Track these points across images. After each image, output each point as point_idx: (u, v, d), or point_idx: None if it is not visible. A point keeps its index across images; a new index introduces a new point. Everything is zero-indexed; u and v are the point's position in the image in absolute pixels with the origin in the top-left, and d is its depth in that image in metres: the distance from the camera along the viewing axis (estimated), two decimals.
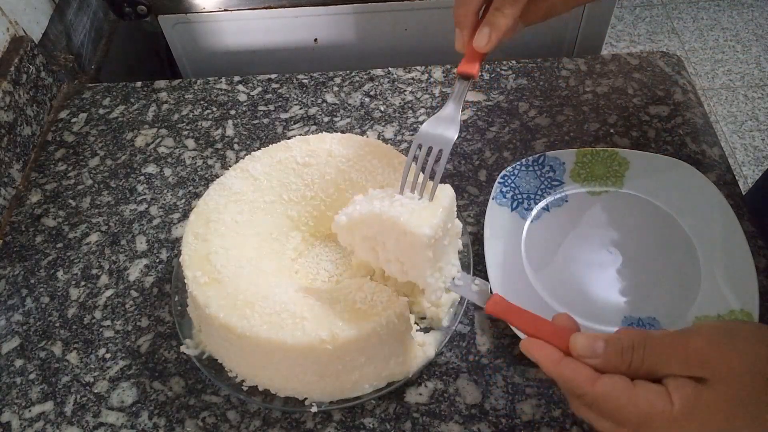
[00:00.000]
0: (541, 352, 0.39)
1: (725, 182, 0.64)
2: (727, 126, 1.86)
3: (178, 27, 0.87)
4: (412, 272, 0.46)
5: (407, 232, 0.43)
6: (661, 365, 0.36)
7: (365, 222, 0.46)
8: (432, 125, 0.48)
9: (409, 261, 0.46)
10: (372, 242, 0.47)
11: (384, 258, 0.47)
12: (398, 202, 0.46)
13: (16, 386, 0.55)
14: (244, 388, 0.50)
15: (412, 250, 0.44)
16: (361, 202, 0.47)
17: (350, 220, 0.47)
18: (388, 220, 0.44)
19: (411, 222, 0.43)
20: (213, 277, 0.49)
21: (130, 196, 0.67)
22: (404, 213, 0.44)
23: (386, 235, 0.46)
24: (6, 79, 0.68)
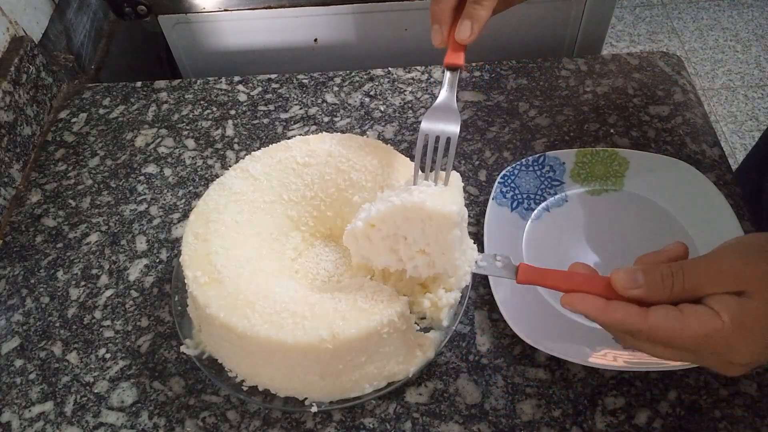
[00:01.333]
0: (585, 303, 0.40)
1: (725, 182, 0.64)
2: (727, 126, 1.86)
3: (178, 27, 0.87)
4: (440, 260, 0.46)
5: (435, 214, 0.44)
6: (702, 286, 0.38)
7: (385, 219, 0.46)
8: (433, 117, 0.50)
9: (437, 247, 0.46)
10: (392, 241, 0.47)
11: (407, 255, 0.47)
12: (416, 191, 0.46)
13: (16, 386, 0.55)
14: (244, 388, 0.50)
15: (440, 234, 0.45)
16: (374, 204, 0.47)
17: (368, 222, 0.47)
18: (413, 208, 0.45)
19: (436, 204, 0.44)
20: (213, 277, 0.49)
21: (130, 196, 0.67)
22: (427, 198, 0.45)
23: (411, 226, 0.46)
24: (6, 79, 0.68)
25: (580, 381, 0.52)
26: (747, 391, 0.51)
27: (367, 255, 0.49)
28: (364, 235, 0.48)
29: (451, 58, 0.51)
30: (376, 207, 0.47)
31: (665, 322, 0.38)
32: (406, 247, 0.47)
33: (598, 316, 0.40)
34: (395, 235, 0.47)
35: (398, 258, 0.48)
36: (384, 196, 0.48)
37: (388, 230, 0.47)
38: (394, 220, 0.46)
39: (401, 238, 0.47)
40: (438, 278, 0.53)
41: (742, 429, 0.49)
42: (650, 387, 0.51)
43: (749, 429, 0.49)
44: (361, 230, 0.47)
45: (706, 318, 0.37)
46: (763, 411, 0.50)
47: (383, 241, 0.47)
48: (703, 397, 0.51)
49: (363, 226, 0.47)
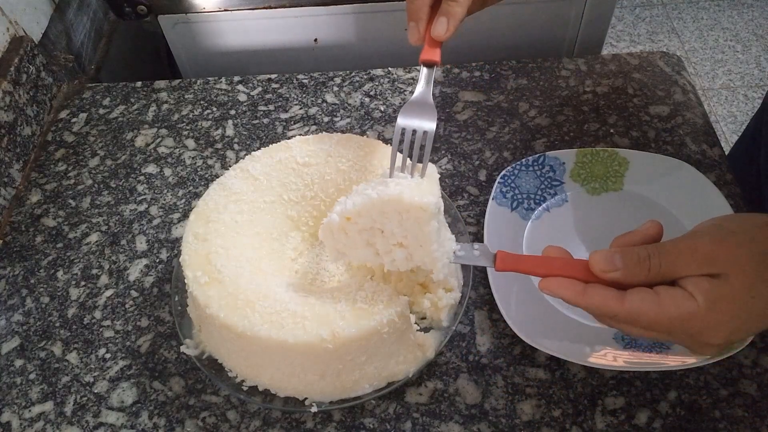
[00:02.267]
0: (563, 287, 0.41)
1: (725, 182, 0.64)
2: (727, 126, 1.86)
3: (178, 27, 0.87)
4: (418, 253, 0.46)
5: (412, 206, 0.44)
6: (677, 268, 0.39)
7: (362, 213, 0.46)
8: (409, 111, 0.50)
9: (414, 240, 0.46)
10: (369, 235, 0.47)
11: (384, 249, 0.47)
12: (393, 183, 0.46)
13: (16, 386, 0.55)
14: (244, 388, 0.50)
15: (417, 226, 0.45)
16: (350, 197, 0.47)
17: (344, 215, 0.46)
18: (389, 201, 0.45)
19: (413, 196, 0.44)
20: (213, 277, 0.49)
21: (130, 196, 0.67)
22: (404, 190, 0.45)
23: (387, 219, 0.46)
24: (6, 79, 0.68)
25: (580, 381, 0.52)
26: (747, 391, 0.51)
27: (343, 249, 0.48)
28: (340, 229, 0.47)
29: (427, 54, 0.52)
30: (352, 200, 0.46)
31: (641, 305, 0.38)
32: (383, 240, 0.47)
33: (577, 300, 0.40)
34: (372, 229, 0.46)
35: (375, 252, 0.48)
36: (359, 189, 0.48)
37: (364, 224, 0.46)
38: (370, 214, 0.46)
39: (378, 231, 0.46)
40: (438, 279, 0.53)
41: (742, 429, 0.49)
42: (650, 387, 0.51)
43: (749, 429, 0.49)
44: (336, 224, 0.47)
45: (681, 300, 0.38)
46: (763, 411, 0.50)
47: (359, 235, 0.47)
48: (703, 397, 0.51)
49: (339, 219, 0.46)
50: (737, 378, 0.51)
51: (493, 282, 0.55)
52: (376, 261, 0.48)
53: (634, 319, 0.39)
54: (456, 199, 0.64)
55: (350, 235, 0.47)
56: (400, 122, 0.49)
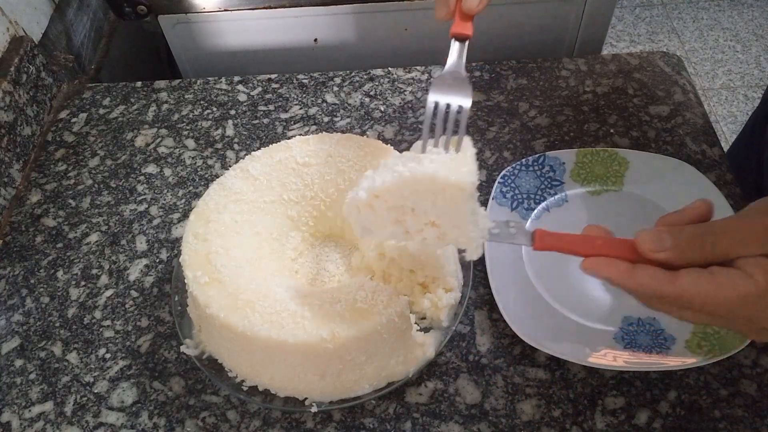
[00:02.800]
0: (609, 267, 0.39)
1: (725, 182, 0.64)
2: (727, 126, 1.86)
3: (178, 27, 0.87)
4: (452, 233, 0.43)
5: (447, 185, 0.41)
6: (733, 248, 0.36)
7: (391, 190, 0.42)
8: (441, 84, 0.47)
9: (449, 219, 0.43)
10: (398, 213, 0.43)
11: (414, 228, 0.44)
12: (426, 160, 0.43)
13: (16, 386, 0.55)
14: (244, 388, 0.50)
15: (452, 205, 0.42)
16: (379, 173, 0.44)
17: (372, 192, 0.43)
18: (423, 179, 0.41)
19: (449, 174, 0.41)
20: (213, 277, 0.49)
21: (130, 196, 0.67)
22: (439, 167, 0.42)
23: (420, 198, 0.42)
24: (6, 79, 0.68)
25: (580, 381, 0.52)
26: (747, 391, 0.51)
27: (369, 227, 0.45)
28: (366, 206, 0.44)
29: (458, 27, 0.48)
30: (381, 177, 0.43)
31: (696, 286, 0.36)
32: (414, 219, 0.43)
33: (624, 281, 0.38)
34: (402, 207, 0.43)
35: (404, 230, 0.44)
36: (389, 164, 0.44)
37: (394, 201, 0.43)
38: (401, 192, 0.42)
39: (408, 209, 0.43)
40: (438, 279, 0.53)
41: (742, 429, 0.49)
42: (650, 387, 0.51)
43: (749, 429, 0.49)
44: (363, 201, 0.43)
45: (739, 281, 0.35)
46: (763, 411, 0.50)
47: (388, 213, 0.44)
48: (703, 397, 0.51)
49: (366, 196, 0.43)
50: (737, 378, 0.51)
51: (493, 282, 0.55)
52: (405, 239, 0.45)
53: (687, 302, 0.37)
54: None
55: (378, 213, 0.44)
56: (432, 96, 0.46)
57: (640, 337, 0.53)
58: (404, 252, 0.51)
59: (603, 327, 0.54)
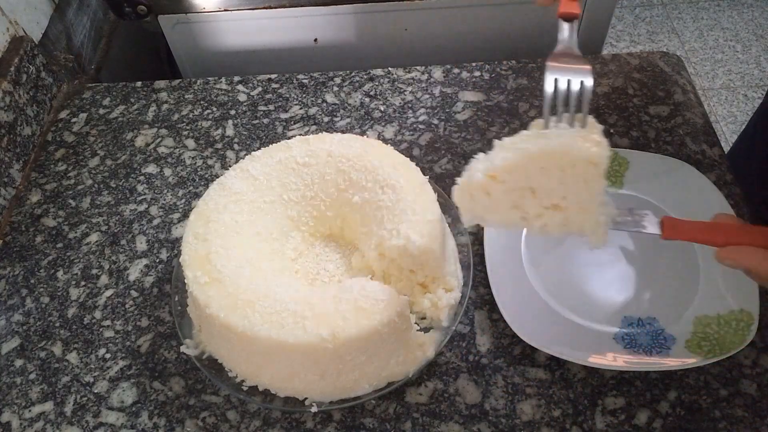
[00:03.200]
0: (749, 256, 0.37)
1: (725, 182, 0.64)
2: (727, 126, 1.86)
3: (178, 27, 0.87)
4: (577, 217, 0.41)
5: (580, 159, 0.38)
6: None
7: (513, 169, 0.40)
8: (558, 60, 0.45)
9: (576, 200, 0.40)
10: (517, 196, 0.41)
11: (535, 212, 0.41)
12: (553, 135, 0.40)
13: (16, 386, 0.55)
14: (244, 388, 0.50)
15: (583, 183, 0.39)
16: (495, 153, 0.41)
17: (489, 173, 0.40)
18: (553, 153, 0.39)
19: (581, 147, 0.38)
20: (213, 277, 0.49)
21: (130, 196, 0.67)
22: (569, 141, 0.39)
23: (546, 176, 0.40)
24: (6, 79, 0.68)
25: (580, 381, 0.52)
26: (747, 391, 0.51)
27: (481, 213, 0.42)
28: (481, 189, 0.41)
29: (566, 7, 0.47)
30: (500, 155, 0.40)
31: None
32: (534, 202, 0.41)
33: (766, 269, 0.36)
34: (522, 189, 0.40)
35: (522, 215, 0.42)
36: (505, 144, 0.41)
37: (514, 182, 0.40)
38: (525, 170, 0.39)
39: (528, 191, 0.40)
40: (438, 279, 0.53)
41: (742, 429, 0.49)
42: (650, 387, 0.51)
43: (749, 429, 0.49)
44: (478, 183, 0.40)
45: None
46: (763, 411, 0.50)
47: (506, 195, 0.41)
48: (703, 397, 0.51)
49: (481, 178, 0.40)
50: (737, 378, 0.51)
51: (493, 282, 0.55)
52: (521, 226, 0.42)
53: None
54: None
55: (493, 196, 0.41)
56: (551, 74, 0.44)
57: (640, 337, 0.53)
58: (404, 252, 0.51)
59: (603, 327, 0.54)
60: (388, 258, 0.52)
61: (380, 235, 0.52)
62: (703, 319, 0.53)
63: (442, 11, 0.85)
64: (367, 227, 0.55)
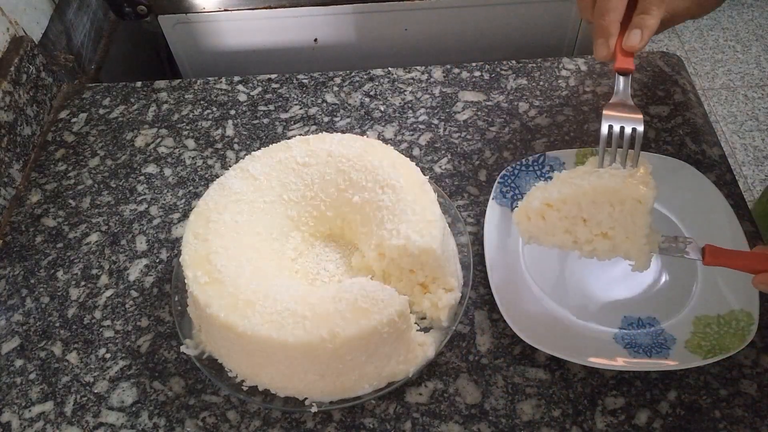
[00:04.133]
0: None
1: (725, 182, 0.64)
2: (727, 126, 1.86)
3: (178, 27, 0.87)
4: (623, 245, 0.46)
5: (628, 198, 0.43)
6: None
7: (567, 201, 0.45)
8: (614, 108, 0.50)
9: (623, 231, 0.45)
10: (569, 223, 0.46)
11: (585, 239, 0.47)
12: (606, 174, 0.45)
13: (16, 386, 0.55)
14: (244, 388, 0.50)
15: (629, 218, 0.44)
16: (553, 184, 0.46)
17: (545, 202, 0.45)
18: (605, 191, 0.44)
19: (630, 188, 0.44)
20: (213, 277, 0.49)
21: (130, 196, 0.67)
22: (619, 181, 0.44)
23: (597, 209, 0.45)
24: (6, 79, 0.68)
25: (580, 381, 0.52)
26: (747, 391, 0.51)
27: (536, 235, 0.48)
28: (537, 214, 0.47)
29: (622, 63, 0.52)
30: (557, 188, 0.46)
31: None
32: (585, 229, 0.46)
33: None
34: (574, 217, 0.46)
35: (573, 240, 0.47)
36: (563, 177, 0.47)
37: (568, 212, 0.46)
38: (578, 203, 0.45)
39: (580, 220, 0.46)
40: (438, 279, 0.53)
41: (742, 429, 0.49)
42: (650, 387, 0.51)
43: (749, 429, 0.49)
44: (535, 209, 0.46)
45: None
46: (763, 411, 0.50)
47: (560, 222, 0.47)
48: (703, 397, 0.51)
49: (539, 205, 0.46)
50: (737, 378, 0.51)
51: (493, 282, 0.55)
52: (572, 248, 0.48)
53: None
54: (456, 199, 0.64)
55: (548, 221, 0.47)
56: (606, 120, 0.49)
57: (640, 337, 0.53)
58: (404, 252, 0.51)
59: (603, 327, 0.54)
60: (388, 258, 0.52)
61: (380, 235, 0.52)
62: (703, 319, 0.53)
63: (442, 11, 0.85)
64: (367, 227, 0.55)
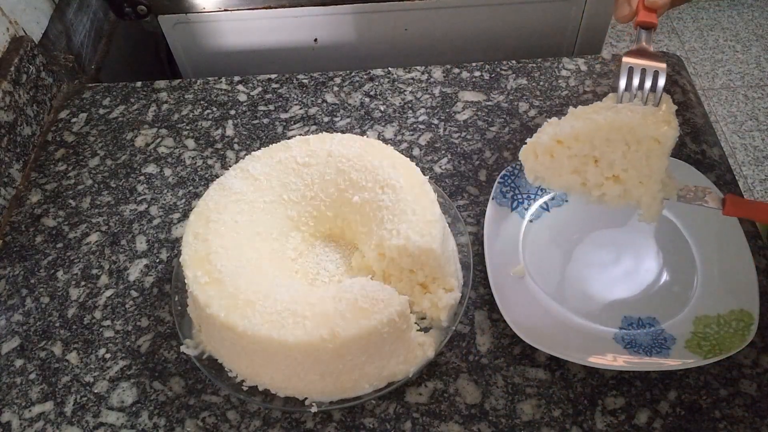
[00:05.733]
0: None
1: (725, 182, 0.64)
2: (727, 126, 1.86)
3: (178, 27, 0.87)
4: (636, 190, 0.42)
5: (646, 137, 0.40)
6: None
7: (580, 137, 0.41)
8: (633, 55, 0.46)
9: (636, 175, 0.41)
10: (579, 163, 0.43)
11: (594, 181, 0.43)
12: (625, 110, 0.41)
13: (16, 386, 0.55)
14: (244, 388, 0.50)
15: (645, 159, 0.41)
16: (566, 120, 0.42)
17: (556, 138, 0.41)
18: (621, 128, 0.40)
19: (649, 126, 0.40)
20: (214, 277, 0.49)
21: (130, 196, 0.67)
22: (638, 118, 0.40)
23: (610, 148, 0.41)
24: (6, 79, 0.68)
25: (580, 381, 0.52)
26: (747, 391, 0.51)
27: (543, 174, 0.44)
28: (545, 151, 0.43)
29: (645, 17, 0.48)
30: (569, 123, 0.42)
31: None
32: (596, 171, 0.42)
33: None
34: (585, 156, 0.42)
35: (582, 181, 0.43)
36: (577, 112, 0.43)
37: (578, 150, 0.42)
38: (591, 139, 0.41)
39: (591, 159, 0.42)
40: (438, 279, 0.53)
41: (742, 429, 0.49)
42: (650, 387, 0.51)
43: (749, 429, 0.49)
44: (544, 145, 0.42)
45: None
46: (763, 411, 0.50)
47: (568, 161, 0.43)
48: (703, 397, 0.51)
49: (548, 141, 0.42)
50: (737, 378, 0.51)
51: (493, 282, 0.55)
52: (580, 191, 0.44)
53: None
54: (456, 199, 0.64)
55: (557, 159, 0.43)
56: (627, 60, 0.45)
57: (640, 337, 0.53)
58: (404, 252, 0.51)
59: (603, 327, 0.54)
60: (388, 258, 0.52)
61: (380, 235, 0.52)
62: (702, 319, 0.53)
63: (442, 11, 0.85)
64: (367, 227, 0.55)
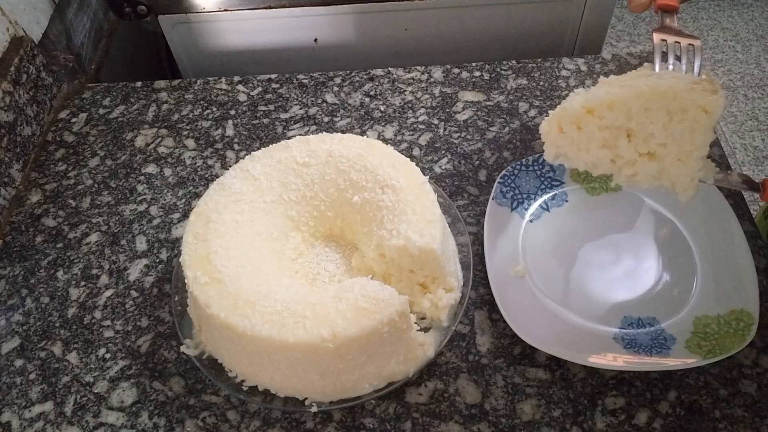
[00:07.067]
0: None
1: None
2: (727, 126, 1.86)
3: (178, 27, 0.87)
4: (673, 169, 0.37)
5: (692, 107, 0.35)
6: None
7: (615, 106, 0.36)
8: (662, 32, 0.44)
9: (676, 150, 0.37)
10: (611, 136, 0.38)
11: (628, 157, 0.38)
12: (668, 76, 0.37)
13: (16, 386, 0.54)
14: (244, 388, 0.50)
15: (689, 131, 0.36)
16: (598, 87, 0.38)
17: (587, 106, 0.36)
18: (663, 96, 0.35)
19: (697, 94, 0.35)
20: (214, 277, 0.49)
21: (130, 196, 0.67)
22: (683, 85, 0.36)
23: (650, 118, 0.36)
24: (6, 79, 0.68)
25: (580, 381, 0.52)
26: (747, 391, 0.51)
27: (566, 149, 0.39)
28: (573, 122, 0.38)
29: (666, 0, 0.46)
30: (603, 89, 0.37)
31: None
32: (629, 146, 0.37)
33: None
34: (618, 129, 0.37)
35: (612, 157, 0.38)
36: (611, 80, 0.38)
37: (613, 120, 0.37)
38: (628, 108, 0.36)
39: (624, 133, 0.37)
40: (438, 279, 0.53)
41: (742, 429, 0.49)
42: (650, 387, 0.51)
43: (749, 429, 0.49)
44: (572, 114, 0.37)
45: None
46: (763, 411, 0.50)
47: (599, 132, 0.38)
48: (703, 397, 0.51)
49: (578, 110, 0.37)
50: (737, 378, 0.51)
51: (493, 282, 0.55)
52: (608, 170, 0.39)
53: None
54: (456, 199, 0.64)
55: (585, 132, 0.38)
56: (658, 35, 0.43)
57: (640, 337, 0.53)
58: (404, 252, 0.51)
59: (603, 327, 0.54)
60: (388, 258, 0.52)
61: (380, 235, 0.52)
62: (703, 319, 0.53)
63: (442, 11, 0.85)
64: (367, 227, 0.55)
